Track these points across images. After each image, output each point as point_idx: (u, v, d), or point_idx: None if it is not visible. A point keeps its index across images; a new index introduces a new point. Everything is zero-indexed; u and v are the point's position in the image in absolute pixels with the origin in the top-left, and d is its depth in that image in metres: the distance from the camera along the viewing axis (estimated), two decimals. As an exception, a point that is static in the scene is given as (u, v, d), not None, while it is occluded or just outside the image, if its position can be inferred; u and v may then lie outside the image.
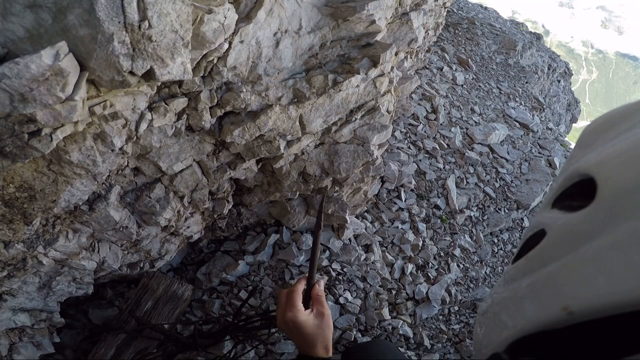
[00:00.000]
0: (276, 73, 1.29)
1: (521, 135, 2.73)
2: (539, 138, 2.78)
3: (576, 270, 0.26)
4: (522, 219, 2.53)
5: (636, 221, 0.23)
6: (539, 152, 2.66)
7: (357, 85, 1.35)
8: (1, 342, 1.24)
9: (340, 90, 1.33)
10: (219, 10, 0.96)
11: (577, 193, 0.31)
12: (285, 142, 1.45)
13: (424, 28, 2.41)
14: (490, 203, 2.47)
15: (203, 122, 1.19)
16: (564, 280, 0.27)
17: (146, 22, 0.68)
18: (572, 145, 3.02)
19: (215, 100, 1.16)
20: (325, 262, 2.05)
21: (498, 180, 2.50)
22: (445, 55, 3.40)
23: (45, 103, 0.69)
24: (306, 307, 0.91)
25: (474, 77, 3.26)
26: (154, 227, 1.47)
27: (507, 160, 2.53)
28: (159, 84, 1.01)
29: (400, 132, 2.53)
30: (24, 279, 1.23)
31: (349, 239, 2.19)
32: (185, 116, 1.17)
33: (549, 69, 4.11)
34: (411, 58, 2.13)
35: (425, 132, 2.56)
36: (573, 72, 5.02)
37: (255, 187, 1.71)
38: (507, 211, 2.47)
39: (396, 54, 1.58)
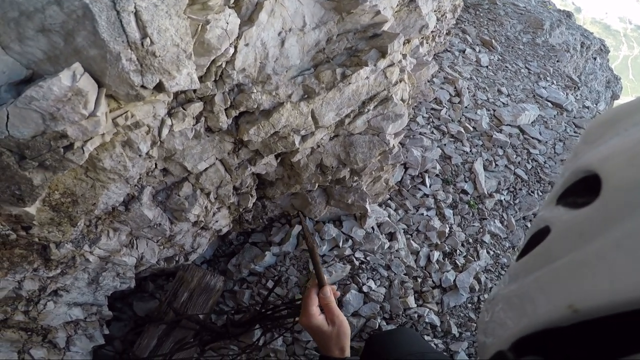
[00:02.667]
0: (285, 71, 1.32)
1: (554, 115, 2.56)
2: (574, 117, 2.59)
3: (581, 267, 0.26)
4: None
5: None
6: (575, 132, 2.48)
7: (367, 77, 1.35)
8: (59, 335, 1.39)
9: (349, 83, 1.34)
10: (219, 17, 1.00)
11: (582, 189, 0.30)
12: (300, 137, 1.48)
13: (436, 12, 2.32)
14: (522, 186, 2.36)
15: (220, 123, 1.25)
16: (569, 277, 0.26)
17: (148, 39, 0.74)
18: None
19: (229, 102, 1.22)
20: (348, 251, 2.08)
21: (530, 161, 2.38)
22: (467, 37, 3.25)
23: (72, 120, 0.77)
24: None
25: (500, 57, 3.09)
26: (185, 223, 1.58)
27: (539, 141, 2.40)
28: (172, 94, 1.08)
29: (423, 117, 2.47)
30: (75, 276, 1.38)
31: (372, 228, 2.19)
32: (203, 119, 1.24)
33: (582, 46, 3.80)
34: (427, 43, 2.07)
35: (449, 115, 2.48)
36: (611, 48, 4.61)
37: (276, 181, 1.77)
38: (540, 194, 2.35)
39: (408, 41, 1.56)
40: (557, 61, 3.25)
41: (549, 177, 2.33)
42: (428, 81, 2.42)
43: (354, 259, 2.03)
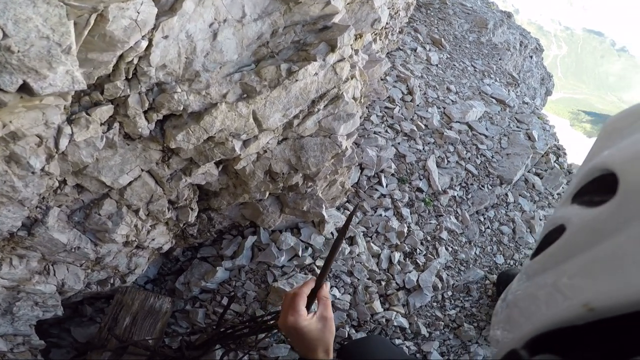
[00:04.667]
0: (218, 68, 1.13)
1: (498, 111, 2.57)
2: (515, 113, 2.62)
3: (597, 266, 0.25)
4: (506, 194, 2.40)
5: None
6: (517, 127, 2.50)
7: (316, 73, 1.19)
8: (-16, 371, 1.12)
9: (296, 80, 1.17)
10: (127, 6, 0.80)
11: (598, 188, 0.29)
12: (241, 142, 1.29)
13: (390, 10, 2.23)
14: (473, 180, 2.33)
15: (139, 129, 1.04)
16: (584, 276, 0.25)
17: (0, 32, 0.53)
18: (549, 118, 2.84)
19: (147, 104, 1.01)
20: (308, 260, 1.93)
21: (479, 156, 2.35)
22: (419, 35, 3.21)
23: None
24: (309, 309, 0.88)
25: (448, 56, 3.08)
26: (112, 244, 1.33)
27: (486, 136, 2.38)
28: (70, 96, 0.85)
29: (377, 116, 2.36)
30: (-21, 310, 1.10)
31: (331, 233, 2.05)
32: (117, 125, 1.01)
33: (520, 45, 3.95)
34: (380, 40, 1.96)
35: (402, 114, 2.39)
36: (544, 48, 4.89)
37: (221, 191, 1.56)
38: (490, 187, 2.33)
39: (360, 36, 1.42)
40: (500, 59, 3.31)
41: (497, 170, 2.32)
42: (381, 79, 2.32)
43: (316, 268, 1.88)
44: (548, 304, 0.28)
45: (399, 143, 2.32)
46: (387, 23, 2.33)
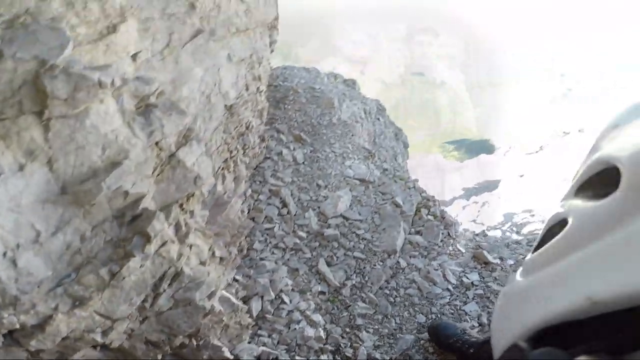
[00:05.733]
0: (36, 287, 1.09)
1: (364, 191, 2.93)
2: (378, 186, 3.02)
3: (600, 259, 0.24)
4: (397, 262, 2.62)
5: None
6: (383, 199, 2.86)
7: (142, 265, 1.23)
8: None
9: (124, 278, 1.19)
10: None
11: (601, 181, 0.28)
12: (100, 332, 1.22)
13: (238, 127, 2.47)
14: (364, 264, 2.51)
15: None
16: (587, 269, 0.25)
17: None
18: (412, 177, 3.26)
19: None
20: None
21: (361, 241, 2.58)
22: (282, 136, 3.58)
23: None
24: None
25: (311, 148, 3.48)
26: None
27: (360, 220, 2.65)
28: None
29: (259, 242, 2.46)
30: None
31: (256, 364, 1.96)
32: None
33: (365, 113, 4.62)
34: (230, 172, 2.14)
35: (283, 230, 2.55)
36: (385, 107, 5.78)
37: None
38: (381, 263, 2.53)
39: (192, 195, 1.53)
40: (352, 135, 3.83)
41: (381, 247, 2.55)
42: (242, 212, 2.45)
43: None
44: (550, 297, 0.29)
45: (288, 259, 2.43)
46: (243, 144, 2.57)
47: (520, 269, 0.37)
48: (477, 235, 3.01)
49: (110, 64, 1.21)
